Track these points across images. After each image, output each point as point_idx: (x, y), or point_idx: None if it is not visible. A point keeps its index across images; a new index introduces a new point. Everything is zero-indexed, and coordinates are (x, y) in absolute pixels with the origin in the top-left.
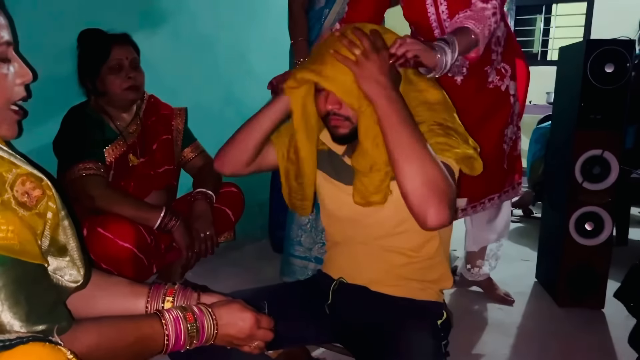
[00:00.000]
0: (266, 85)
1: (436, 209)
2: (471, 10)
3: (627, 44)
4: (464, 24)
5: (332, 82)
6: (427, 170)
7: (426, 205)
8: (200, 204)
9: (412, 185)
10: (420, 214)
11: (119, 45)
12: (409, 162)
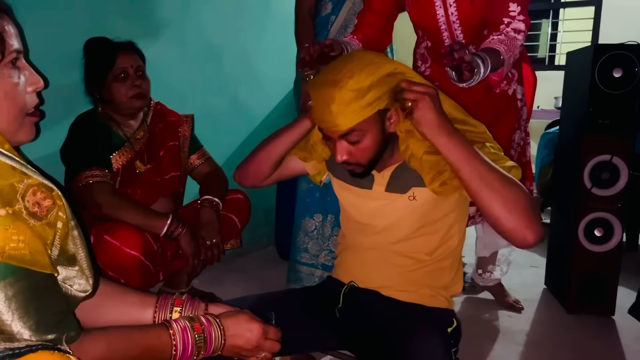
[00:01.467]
0: (272, 90)
1: (532, 228)
2: (505, 36)
3: (636, 48)
4: (496, 47)
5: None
6: (510, 192)
7: (521, 228)
8: (206, 212)
9: (502, 212)
10: (518, 237)
11: (124, 53)
12: (492, 190)
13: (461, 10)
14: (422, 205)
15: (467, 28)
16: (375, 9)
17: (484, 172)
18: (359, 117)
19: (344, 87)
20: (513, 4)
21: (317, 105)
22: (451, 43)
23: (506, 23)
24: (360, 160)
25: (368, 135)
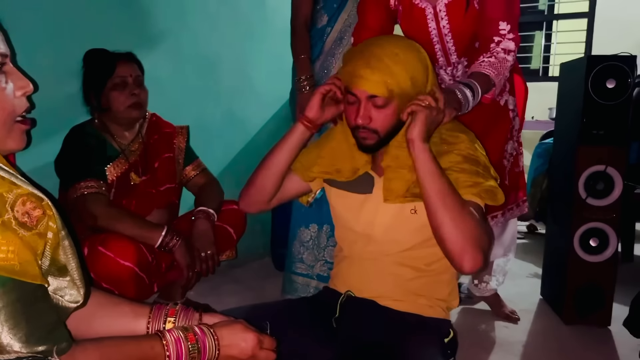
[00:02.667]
0: (268, 100)
1: (471, 256)
2: (495, 58)
3: (629, 59)
4: (486, 71)
5: (366, 81)
6: (464, 219)
7: (462, 252)
8: (201, 223)
9: (448, 233)
10: (456, 260)
11: (124, 62)
12: (447, 211)
13: (453, 23)
14: (423, 219)
15: (458, 40)
16: (371, 27)
17: (446, 193)
18: (399, 86)
19: (399, 57)
20: (503, 22)
21: (359, 62)
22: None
23: (496, 42)
24: (379, 127)
25: (392, 104)
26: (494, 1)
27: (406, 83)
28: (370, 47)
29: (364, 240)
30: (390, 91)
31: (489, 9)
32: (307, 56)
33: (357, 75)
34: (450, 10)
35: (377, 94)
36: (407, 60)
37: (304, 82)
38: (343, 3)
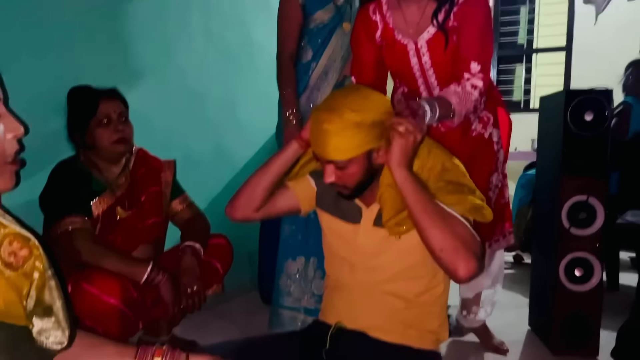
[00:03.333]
0: (255, 134)
1: (465, 262)
2: (461, 88)
3: (605, 93)
4: (450, 98)
5: (330, 154)
6: (452, 226)
7: (456, 259)
8: (187, 258)
9: (440, 240)
10: (450, 268)
11: (107, 99)
12: (433, 220)
13: (434, 58)
14: (407, 245)
15: (440, 75)
16: (365, 62)
17: (429, 207)
18: (350, 154)
19: (344, 116)
20: (474, 62)
21: (313, 128)
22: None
23: (466, 78)
24: (347, 183)
25: (354, 164)
26: (468, 42)
27: (364, 138)
28: (323, 113)
29: (352, 267)
30: (348, 154)
31: (462, 48)
32: (293, 90)
33: (314, 141)
34: (431, 46)
35: (335, 159)
36: (360, 115)
37: (290, 115)
38: (327, 39)
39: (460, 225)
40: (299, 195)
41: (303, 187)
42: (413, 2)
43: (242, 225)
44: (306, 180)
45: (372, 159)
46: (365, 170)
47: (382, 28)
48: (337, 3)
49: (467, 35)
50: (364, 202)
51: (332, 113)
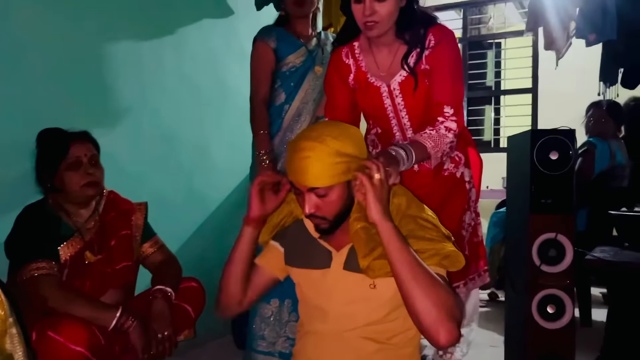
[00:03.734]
0: (228, 176)
1: (447, 328)
2: (435, 131)
3: (569, 133)
4: (425, 142)
5: (310, 181)
6: (436, 291)
7: (437, 326)
8: (158, 303)
9: (423, 306)
10: (432, 335)
11: (78, 142)
12: (418, 285)
13: (407, 100)
14: (383, 295)
15: (413, 116)
16: (339, 105)
17: (415, 266)
18: (331, 180)
19: (325, 143)
20: (447, 106)
21: (293, 158)
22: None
23: (440, 121)
24: (327, 214)
25: (335, 191)
26: (441, 86)
27: (345, 166)
28: (303, 142)
29: (323, 316)
30: (330, 180)
31: (436, 93)
32: (266, 132)
33: (294, 170)
34: (404, 89)
35: (316, 186)
36: (342, 144)
37: (264, 156)
38: (300, 82)
39: (444, 290)
40: (272, 268)
41: (272, 257)
42: (384, 46)
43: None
44: (272, 248)
45: (351, 188)
46: (345, 200)
47: (355, 71)
48: (309, 47)
49: (439, 79)
50: (334, 246)
51: (313, 141)
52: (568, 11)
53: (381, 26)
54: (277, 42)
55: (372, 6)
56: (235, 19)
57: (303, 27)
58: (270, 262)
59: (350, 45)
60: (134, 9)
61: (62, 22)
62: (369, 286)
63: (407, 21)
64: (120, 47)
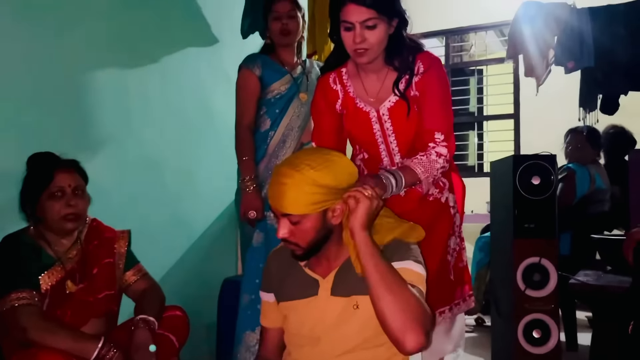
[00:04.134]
0: (213, 203)
1: (414, 335)
2: (426, 157)
3: (550, 158)
4: (415, 168)
5: (285, 207)
6: (405, 297)
7: (404, 330)
8: (140, 333)
9: (391, 310)
10: (399, 339)
11: (64, 171)
12: (388, 289)
13: (396, 125)
14: (365, 314)
15: (402, 142)
16: (326, 131)
17: (385, 272)
18: (305, 209)
19: (303, 172)
20: (438, 132)
21: (272, 182)
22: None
23: (432, 147)
24: (299, 241)
25: (309, 220)
26: (431, 112)
27: (320, 197)
28: (284, 168)
29: (312, 343)
30: (303, 210)
31: (426, 120)
32: (251, 158)
33: (272, 194)
34: (393, 114)
35: (289, 212)
36: (320, 175)
37: (248, 182)
38: (285, 109)
39: (413, 297)
40: (277, 322)
41: (271, 312)
42: (373, 72)
43: (199, 297)
44: (265, 303)
45: (327, 218)
46: (319, 229)
47: (343, 97)
48: (293, 74)
49: (429, 106)
50: (320, 274)
51: (292, 168)
52: (546, 40)
53: (371, 53)
54: (262, 70)
55: (363, 33)
56: (220, 47)
57: (288, 55)
58: (273, 319)
59: (338, 71)
60: (119, 37)
61: (47, 50)
62: (352, 307)
63: (395, 48)
64: (106, 75)
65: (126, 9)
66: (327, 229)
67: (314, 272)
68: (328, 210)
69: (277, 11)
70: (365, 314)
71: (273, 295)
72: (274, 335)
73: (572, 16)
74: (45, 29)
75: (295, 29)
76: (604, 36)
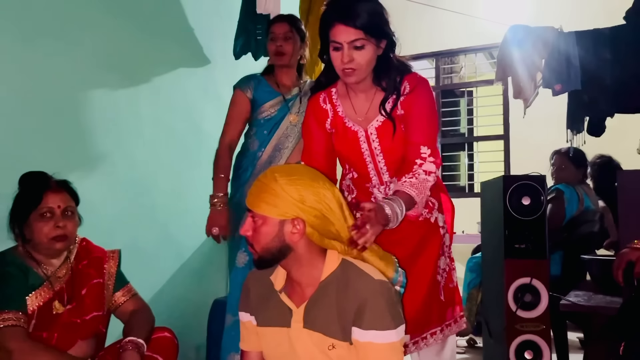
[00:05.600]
0: (203, 223)
1: None
2: (417, 179)
3: (539, 179)
4: (409, 191)
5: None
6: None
7: None
8: (129, 355)
9: None
10: None
11: (54, 192)
12: None
13: (383, 145)
14: (341, 356)
15: (390, 161)
16: (316, 151)
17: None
18: (264, 209)
19: (275, 178)
20: (424, 147)
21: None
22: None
23: (419, 164)
24: (255, 243)
25: (267, 224)
26: (416, 128)
27: (282, 206)
28: (267, 171)
29: None
30: (263, 209)
31: (411, 135)
32: (226, 176)
33: (249, 192)
34: (381, 133)
35: (251, 208)
36: (291, 189)
37: (217, 199)
38: (273, 130)
39: None
40: (257, 347)
41: (250, 335)
42: (361, 92)
43: (189, 317)
44: (244, 327)
45: (284, 230)
46: (273, 238)
47: (332, 116)
48: (286, 96)
49: (415, 122)
50: (295, 302)
51: (270, 172)
52: (535, 62)
53: (359, 73)
54: (254, 92)
55: (351, 54)
56: (212, 67)
57: (285, 76)
58: (252, 342)
59: (328, 90)
60: (110, 57)
61: (38, 69)
62: (327, 347)
63: (383, 69)
64: (98, 94)
65: (119, 29)
66: (283, 242)
67: (290, 298)
68: (286, 223)
69: (273, 32)
70: (341, 356)
71: (249, 315)
72: (254, 359)
73: (559, 40)
74: (37, 49)
75: (290, 51)
76: (591, 59)
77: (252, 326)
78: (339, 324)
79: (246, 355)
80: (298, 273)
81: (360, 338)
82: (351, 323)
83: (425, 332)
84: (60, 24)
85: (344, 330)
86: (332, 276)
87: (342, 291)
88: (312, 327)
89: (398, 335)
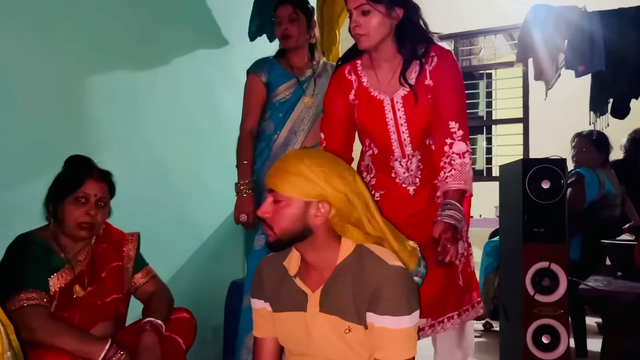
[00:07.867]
0: (221, 205)
1: None
2: (454, 169)
3: (560, 162)
4: (456, 187)
5: (275, 183)
6: None
7: None
8: (147, 336)
9: None
10: None
11: (95, 180)
12: None
13: (408, 115)
14: (357, 339)
15: (413, 132)
16: (336, 117)
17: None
18: (290, 190)
19: (302, 160)
20: (452, 121)
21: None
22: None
23: (449, 144)
24: (275, 225)
25: (290, 206)
26: (445, 101)
27: (308, 188)
28: (288, 155)
29: (309, 356)
30: (288, 190)
31: (441, 108)
32: (249, 162)
33: (267, 174)
34: (406, 103)
35: (275, 188)
36: (315, 172)
37: (243, 186)
38: (288, 112)
39: None
40: (271, 333)
41: (264, 321)
42: (385, 61)
43: (206, 299)
44: (258, 310)
45: (308, 213)
46: (296, 220)
47: (357, 87)
48: (300, 78)
49: (444, 95)
50: (310, 286)
51: (295, 154)
52: (557, 43)
53: (368, 39)
54: (268, 75)
55: (358, 19)
56: (229, 49)
57: (297, 58)
58: (266, 328)
59: (353, 62)
60: (128, 40)
61: (56, 52)
62: (344, 330)
63: (405, 36)
64: (115, 76)
65: (136, 10)
66: (305, 224)
67: (304, 283)
68: (312, 205)
69: (278, 16)
70: (357, 339)
71: (263, 302)
72: (269, 346)
73: (582, 20)
74: (54, 30)
75: (295, 33)
76: (615, 40)
77: (267, 312)
78: (355, 308)
79: (260, 342)
80: (314, 257)
81: (375, 323)
82: (366, 308)
83: (442, 316)
84: (75, 7)
85: (359, 314)
86: (347, 260)
87: (358, 276)
88: (328, 310)
89: (412, 321)
